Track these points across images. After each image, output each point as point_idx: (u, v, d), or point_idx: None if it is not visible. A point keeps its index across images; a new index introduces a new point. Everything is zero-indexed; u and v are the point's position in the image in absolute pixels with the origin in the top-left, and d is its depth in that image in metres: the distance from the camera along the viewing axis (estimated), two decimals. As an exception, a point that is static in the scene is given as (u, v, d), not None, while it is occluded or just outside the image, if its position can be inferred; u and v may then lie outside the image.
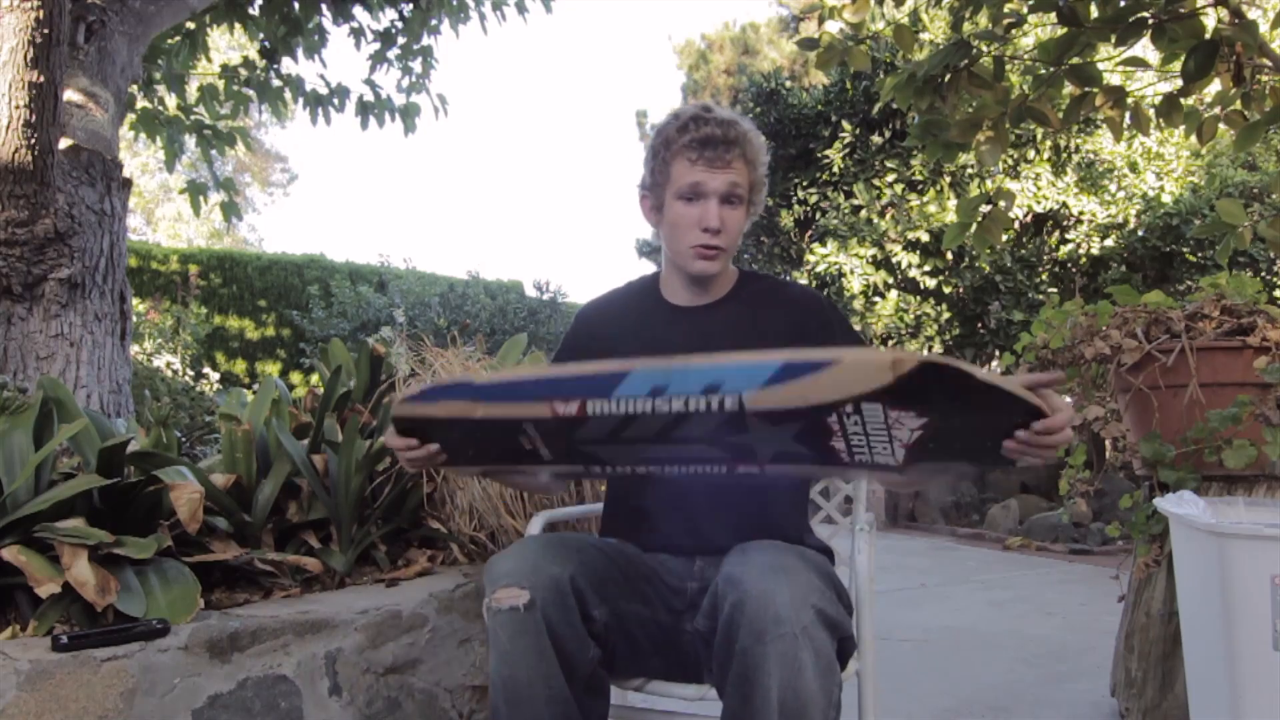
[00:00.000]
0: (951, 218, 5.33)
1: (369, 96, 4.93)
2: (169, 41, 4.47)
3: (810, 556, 1.25)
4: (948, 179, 6.89)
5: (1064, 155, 7.04)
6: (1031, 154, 6.92)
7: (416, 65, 5.04)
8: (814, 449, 1.09)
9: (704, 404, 1.05)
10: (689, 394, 1.05)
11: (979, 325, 6.89)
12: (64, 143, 2.65)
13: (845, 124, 7.17)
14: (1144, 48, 2.59)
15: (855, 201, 7.06)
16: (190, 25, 4.45)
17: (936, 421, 1.02)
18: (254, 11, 4.57)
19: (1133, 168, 7.00)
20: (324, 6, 4.69)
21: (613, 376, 1.08)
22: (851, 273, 6.77)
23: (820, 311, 1.51)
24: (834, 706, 1.16)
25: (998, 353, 6.95)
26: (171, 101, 4.84)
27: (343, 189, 40.41)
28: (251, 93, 4.91)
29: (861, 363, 1.00)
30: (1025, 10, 2.58)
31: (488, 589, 1.25)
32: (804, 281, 6.40)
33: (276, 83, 4.88)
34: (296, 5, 4.56)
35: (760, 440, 1.09)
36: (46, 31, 2.26)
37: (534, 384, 1.13)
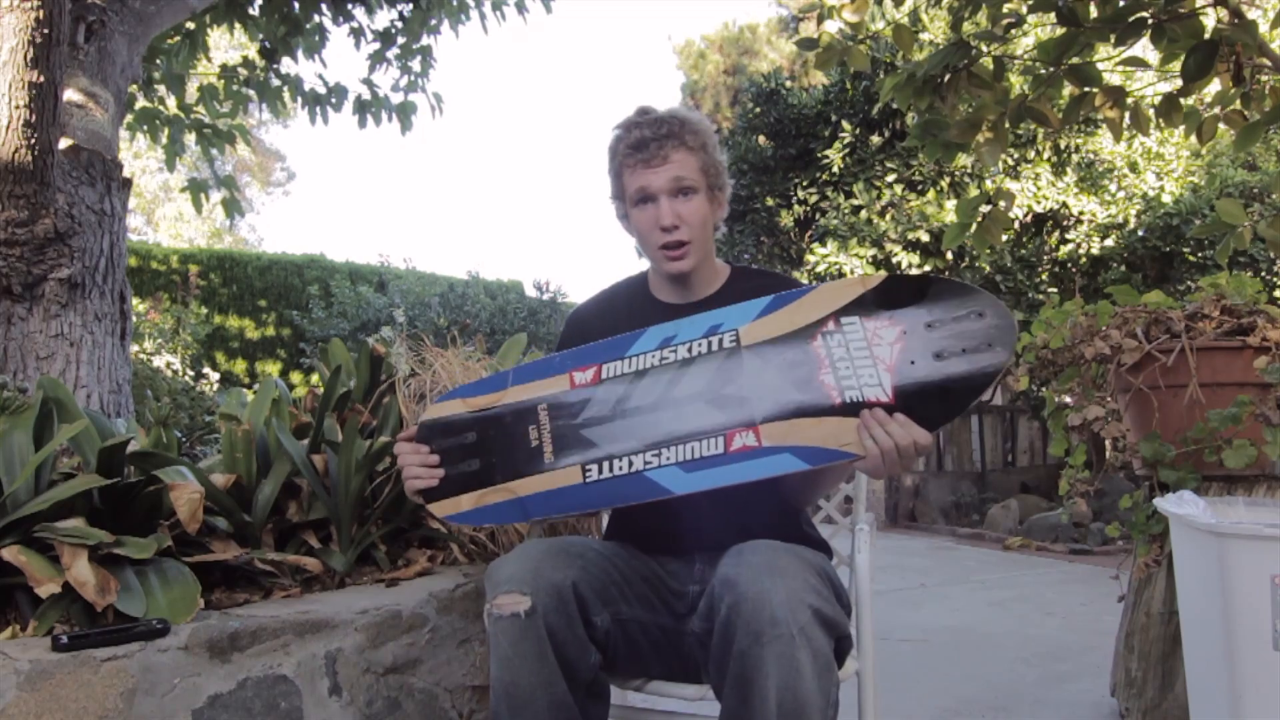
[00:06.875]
0: (951, 218, 5.33)
1: (366, 96, 4.94)
2: (169, 41, 4.47)
3: (806, 555, 1.25)
4: (948, 179, 6.89)
5: (1064, 155, 7.03)
6: (1031, 154, 6.92)
7: (415, 65, 5.05)
8: (805, 389, 1.21)
9: (706, 345, 1.26)
10: (694, 339, 1.27)
11: (979, 325, 6.89)
12: (64, 143, 2.64)
13: (845, 124, 7.17)
14: (1144, 48, 2.58)
15: (855, 201, 7.05)
16: (190, 25, 4.45)
17: (907, 331, 1.19)
18: (254, 11, 4.56)
19: (1133, 168, 6.99)
20: (324, 6, 4.69)
21: (630, 337, 1.31)
22: (852, 273, 6.77)
23: None
24: (832, 706, 1.16)
25: (998, 353, 6.93)
26: (171, 101, 4.84)
27: (343, 189, 40.37)
28: (251, 92, 4.91)
29: (837, 284, 1.24)
30: (1025, 10, 2.58)
31: (489, 594, 1.24)
32: (804, 282, 6.38)
33: (276, 82, 4.89)
34: (296, 5, 4.56)
35: (754, 388, 1.23)
36: (46, 31, 2.26)
37: (559, 360, 1.34)
